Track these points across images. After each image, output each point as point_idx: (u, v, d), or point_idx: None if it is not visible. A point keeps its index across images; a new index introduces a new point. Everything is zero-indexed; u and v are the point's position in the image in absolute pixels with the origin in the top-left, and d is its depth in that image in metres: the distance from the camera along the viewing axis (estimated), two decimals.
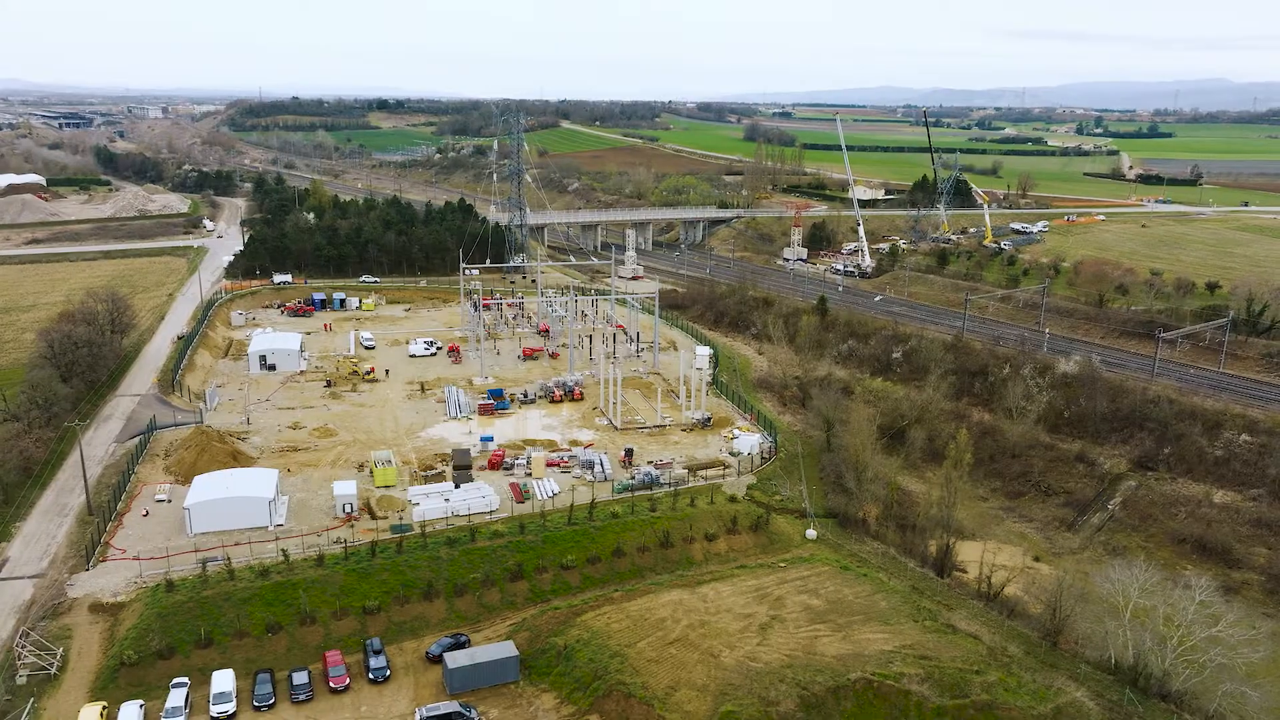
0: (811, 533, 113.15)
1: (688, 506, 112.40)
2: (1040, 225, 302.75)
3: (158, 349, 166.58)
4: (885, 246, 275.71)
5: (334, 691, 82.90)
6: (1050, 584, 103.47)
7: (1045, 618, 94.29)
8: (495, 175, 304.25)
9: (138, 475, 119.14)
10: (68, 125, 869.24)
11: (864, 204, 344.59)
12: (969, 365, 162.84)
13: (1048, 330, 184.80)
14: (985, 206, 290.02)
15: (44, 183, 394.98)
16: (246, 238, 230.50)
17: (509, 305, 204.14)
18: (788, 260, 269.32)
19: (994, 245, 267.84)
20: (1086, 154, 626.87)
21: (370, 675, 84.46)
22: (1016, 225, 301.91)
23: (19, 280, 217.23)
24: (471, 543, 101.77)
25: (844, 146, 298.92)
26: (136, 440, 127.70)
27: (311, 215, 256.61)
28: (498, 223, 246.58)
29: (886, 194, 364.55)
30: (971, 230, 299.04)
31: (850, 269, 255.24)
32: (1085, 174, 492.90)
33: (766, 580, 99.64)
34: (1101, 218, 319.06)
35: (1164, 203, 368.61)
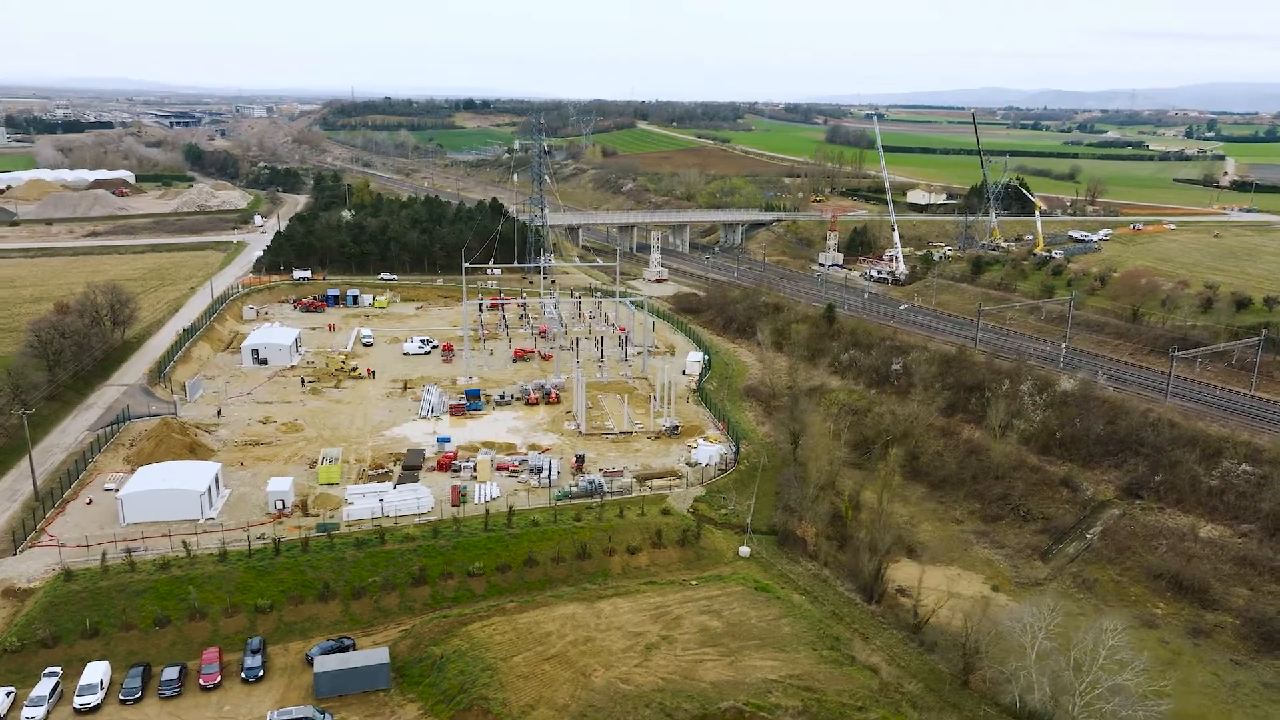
0: (745, 550, 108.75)
1: (616, 517, 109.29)
2: (1101, 233, 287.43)
3: (162, 341, 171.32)
4: (933, 253, 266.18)
5: (204, 689, 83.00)
6: (1004, 616, 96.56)
7: (956, 655, 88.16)
8: (515, 175, 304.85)
9: (96, 464, 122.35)
10: (178, 124, 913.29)
11: (918, 208, 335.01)
12: (966, 380, 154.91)
13: (1064, 345, 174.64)
14: (1038, 213, 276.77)
15: (132, 179, 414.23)
16: (273, 234, 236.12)
17: (516, 305, 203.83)
18: (823, 265, 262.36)
19: (1045, 253, 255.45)
20: (1188, 159, 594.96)
21: (243, 675, 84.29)
22: (1075, 233, 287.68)
23: (64, 270, 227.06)
24: (380, 545, 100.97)
25: (880, 147, 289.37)
26: (104, 430, 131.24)
27: (348, 213, 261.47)
28: (524, 222, 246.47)
29: (949, 198, 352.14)
30: (1027, 237, 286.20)
31: (884, 275, 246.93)
32: (1175, 180, 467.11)
33: (671, 598, 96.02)
34: (1172, 226, 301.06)
35: (1249, 211, 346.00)
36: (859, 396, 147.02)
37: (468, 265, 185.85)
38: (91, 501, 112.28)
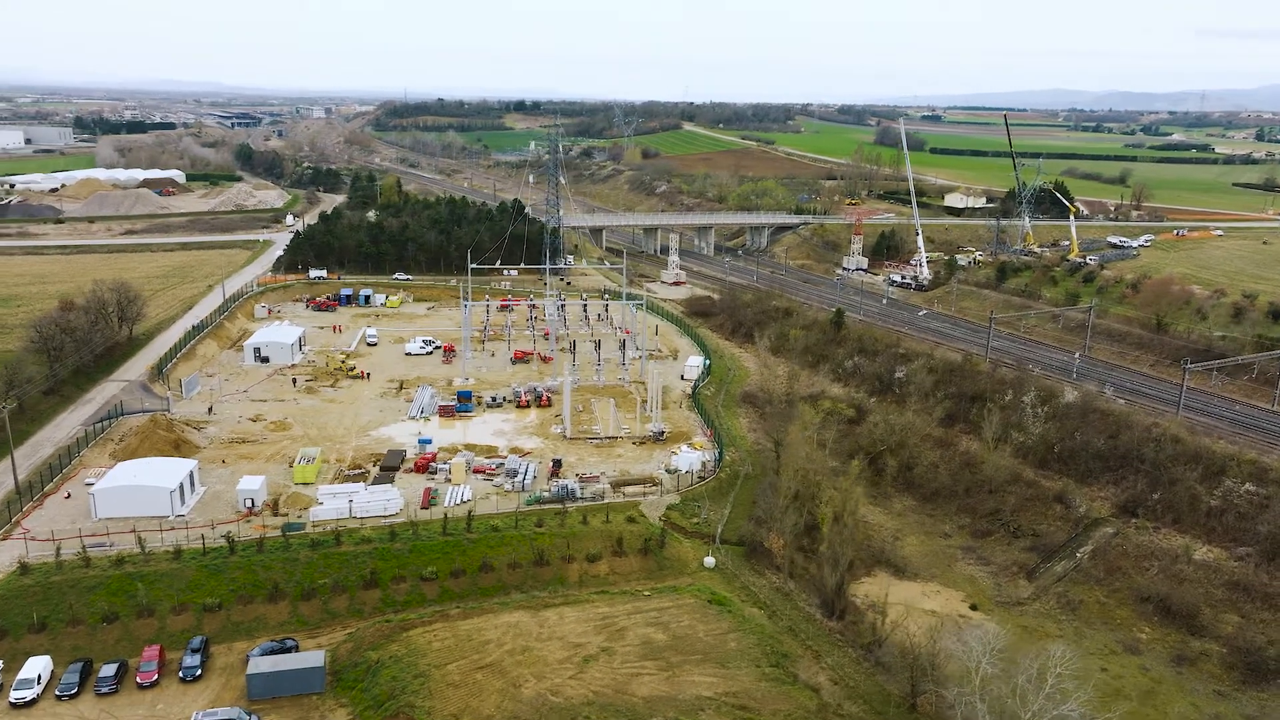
0: (710, 560, 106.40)
1: (579, 524, 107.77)
2: (1142, 239, 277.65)
3: (171, 338, 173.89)
4: (961, 259, 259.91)
5: (141, 687, 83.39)
6: (975, 638, 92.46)
7: (905, 676, 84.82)
8: (531, 176, 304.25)
9: (82, 459, 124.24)
10: (239, 124, 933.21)
11: (955, 212, 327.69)
12: (968, 389, 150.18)
13: (1079, 354, 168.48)
14: (1072, 217, 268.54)
15: (182, 178, 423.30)
16: (291, 234, 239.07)
17: (526, 307, 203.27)
18: (847, 270, 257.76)
19: (1079, 259, 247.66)
20: (1255, 163, 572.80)
21: (181, 674, 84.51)
22: (1114, 239, 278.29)
23: (95, 267, 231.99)
24: (336, 546, 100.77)
25: (905, 148, 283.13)
26: (95, 425, 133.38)
27: (374, 213, 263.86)
28: (543, 223, 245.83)
29: (988, 201, 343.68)
30: (1064, 242, 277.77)
31: (907, 280, 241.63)
32: (1235, 184, 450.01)
33: (620, 609, 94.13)
34: (1219, 232, 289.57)
35: None
36: (845, 406, 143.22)
37: (474, 266, 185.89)
38: (70, 496, 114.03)
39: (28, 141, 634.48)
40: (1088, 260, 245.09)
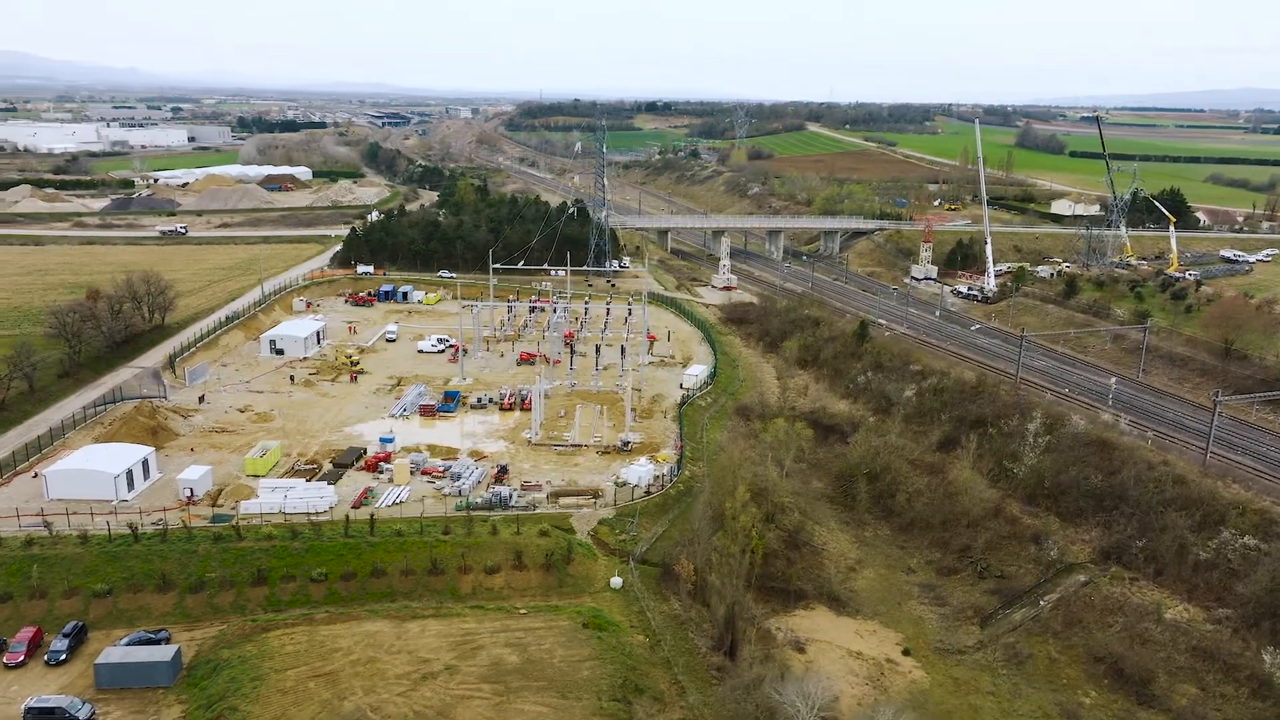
0: (617, 580, 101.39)
1: (488, 534, 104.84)
2: (1263, 254, 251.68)
3: (203, 327, 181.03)
4: (1045, 270, 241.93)
5: (8, 667, 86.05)
6: (798, 693, 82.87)
7: None
8: (576, 177, 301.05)
9: (66, 440, 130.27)
10: (389, 124, 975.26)
11: (1057, 219, 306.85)
12: (971, 413, 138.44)
13: (1114, 380, 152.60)
14: (1171, 228, 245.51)
15: (306, 175, 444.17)
16: (349, 232, 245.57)
17: (550, 308, 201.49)
18: (915, 279, 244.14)
19: (1177, 274, 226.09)
20: None
21: (46, 658, 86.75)
22: (1227, 252, 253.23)
23: (173, 257, 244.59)
24: (237, 541, 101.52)
25: (979, 151, 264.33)
26: (92, 409, 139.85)
27: (443, 211, 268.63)
28: (600, 224, 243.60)
29: (1102, 209, 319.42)
30: (1171, 255, 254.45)
31: (973, 292, 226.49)
32: None
33: (486, 625, 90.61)
34: None
35: None
36: (804, 427, 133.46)
37: (496, 266, 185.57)
38: (37, 475, 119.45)
39: (190, 140, 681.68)
40: (1185, 275, 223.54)
